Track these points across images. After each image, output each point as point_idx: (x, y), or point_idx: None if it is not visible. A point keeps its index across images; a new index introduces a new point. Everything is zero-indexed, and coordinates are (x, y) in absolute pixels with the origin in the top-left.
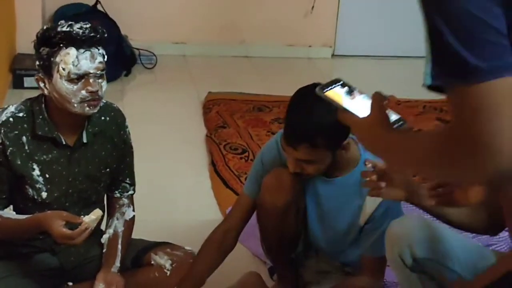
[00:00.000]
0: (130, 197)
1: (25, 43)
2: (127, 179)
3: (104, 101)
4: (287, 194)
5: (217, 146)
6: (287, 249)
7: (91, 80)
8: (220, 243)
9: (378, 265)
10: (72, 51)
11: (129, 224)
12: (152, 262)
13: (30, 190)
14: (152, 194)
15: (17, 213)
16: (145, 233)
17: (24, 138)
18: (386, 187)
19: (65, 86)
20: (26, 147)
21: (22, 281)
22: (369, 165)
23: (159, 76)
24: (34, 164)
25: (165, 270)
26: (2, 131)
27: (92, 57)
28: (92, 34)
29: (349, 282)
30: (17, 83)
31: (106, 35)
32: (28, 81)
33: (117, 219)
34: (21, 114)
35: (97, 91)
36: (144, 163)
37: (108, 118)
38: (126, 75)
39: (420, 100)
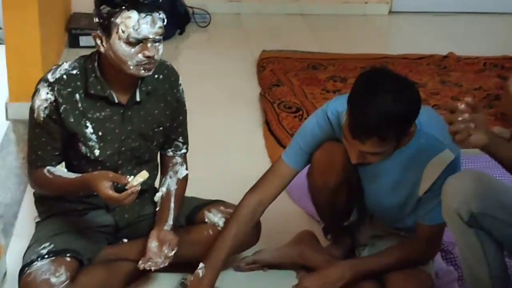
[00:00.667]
0: (183, 156)
1: (80, 2)
2: (180, 137)
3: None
4: (338, 173)
5: (271, 105)
6: (340, 219)
7: (149, 45)
8: (251, 216)
9: (435, 234)
10: (134, 14)
11: (182, 182)
12: (206, 220)
13: (83, 147)
14: (206, 152)
15: (70, 170)
16: (198, 191)
17: (77, 96)
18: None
19: (122, 48)
20: (80, 105)
21: (77, 237)
22: (462, 105)
23: (213, 35)
24: (87, 121)
25: (218, 228)
26: (56, 88)
27: (153, 22)
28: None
29: (399, 248)
30: (73, 42)
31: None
32: (84, 40)
33: (170, 177)
34: (74, 72)
35: (154, 55)
36: (198, 122)
37: (161, 76)
38: (180, 33)
39: (480, 57)
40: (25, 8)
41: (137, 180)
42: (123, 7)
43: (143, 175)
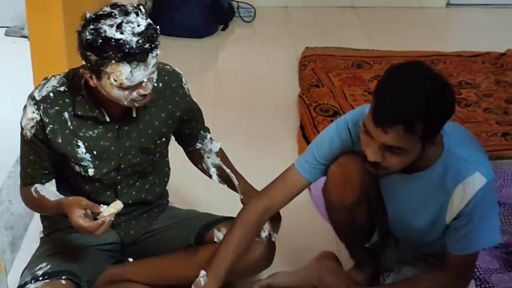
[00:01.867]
0: (210, 139)
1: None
2: (201, 130)
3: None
4: (355, 189)
5: (307, 108)
6: (360, 239)
7: (143, 84)
8: (257, 224)
9: (466, 264)
10: (125, 68)
11: (221, 153)
12: (215, 240)
13: (77, 167)
14: (235, 156)
15: (67, 187)
16: (224, 198)
17: (66, 114)
18: None
19: (115, 92)
20: (69, 123)
21: (77, 256)
22: None
23: (258, 30)
24: (79, 141)
25: None
26: (42, 107)
27: (146, 66)
28: (146, 46)
29: (427, 278)
30: None
31: (159, 31)
32: None
33: (208, 157)
34: (62, 88)
35: (149, 93)
36: (233, 121)
37: (161, 85)
38: (223, 29)
39: None
40: (48, 7)
41: (109, 210)
42: (111, 58)
43: (117, 205)
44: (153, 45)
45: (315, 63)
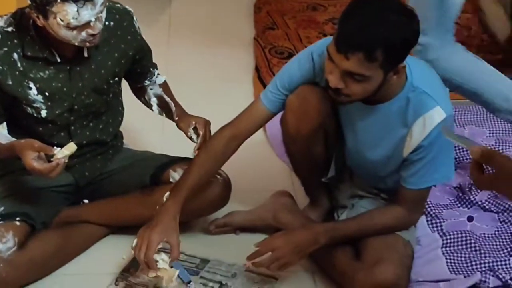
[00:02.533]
0: (157, 74)
1: None
2: (151, 68)
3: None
4: (312, 118)
5: (262, 50)
6: (316, 173)
7: (91, 24)
8: (222, 152)
9: (419, 199)
10: (71, 7)
11: (165, 84)
12: (171, 180)
13: (29, 108)
14: (191, 98)
15: (19, 129)
16: (181, 139)
17: (15, 55)
18: None
19: (63, 32)
20: (19, 65)
21: (31, 198)
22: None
23: None
24: (30, 82)
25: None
26: None
27: (93, 5)
28: None
29: (379, 213)
30: None
31: None
32: None
33: (151, 89)
34: (10, 29)
35: (98, 33)
36: (188, 64)
37: (112, 23)
38: None
39: None
40: None
41: (62, 152)
42: (58, 0)
43: (70, 147)
44: None
45: (270, 6)
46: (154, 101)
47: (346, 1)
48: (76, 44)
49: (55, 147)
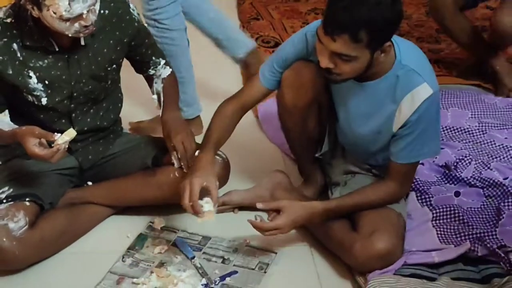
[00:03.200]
0: (164, 64)
1: None
2: (153, 56)
3: None
4: (307, 91)
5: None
6: (311, 148)
7: (84, 16)
8: (231, 119)
9: (407, 173)
10: (63, 1)
11: (167, 79)
12: (173, 161)
13: (29, 97)
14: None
15: (21, 117)
16: None
17: (15, 45)
18: None
19: (57, 23)
20: (19, 54)
21: (38, 180)
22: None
23: None
24: (30, 71)
25: (184, 170)
26: None
27: None
28: None
29: (372, 188)
30: None
31: None
32: None
33: (156, 83)
34: (9, 20)
35: (91, 24)
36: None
37: (107, 12)
38: None
39: None
40: None
41: (63, 138)
42: None
43: (70, 133)
44: None
45: None
46: (154, 98)
47: None
48: (70, 35)
49: (55, 133)
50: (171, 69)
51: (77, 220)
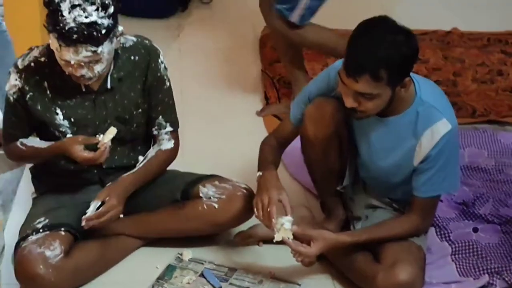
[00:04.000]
0: (170, 133)
1: None
2: (161, 116)
3: (135, 39)
4: (328, 123)
5: (271, 80)
6: (332, 180)
7: (75, 66)
8: (278, 148)
9: (429, 206)
10: (55, 41)
11: (162, 152)
12: (200, 195)
13: (56, 132)
14: (205, 129)
15: None
16: (197, 169)
17: (45, 83)
18: None
19: (59, 60)
20: (48, 92)
21: (72, 211)
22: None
23: (216, 11)
24: (57, 108)
25: (213, 203)
26: (24, 75)
27: (76, 51)
28: (74, 37)
29: (396, 221)
30: None
31: (102, 34)
32: None
33: (153, 149)
34: (43, 59)
35: (81, 76)
36: (199, 98)
37: (137, 57)
38: (183, 10)
39: (484, 33)
40: None
41: (107, 137)
42: (50, 28)
43: (112, 131)
44: (83, 40)
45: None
46: (139, 159)
47: (345, 36)
48: (73, 78)
49: (97, 135)
50: (173, 145)
51: (108, 250)
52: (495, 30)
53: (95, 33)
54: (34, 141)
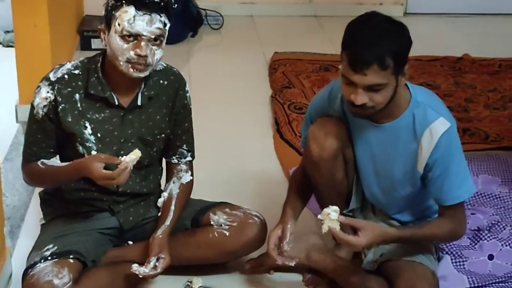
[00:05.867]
0: (189, 163)
1: (92, 5)
2: (185, 145)
3: (165, 65)
4: (332, 142)
5: (281, 106)
6: (340, 202)
7: (142, 43)
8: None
9: (457, 214)
10: (131, 9)
11: (185, 187)
12: (211, 222)
13: (81, 147)
14: (216, 154)
15: None
16: (208, 193)
17: (77, 96)
18: None
19: (116, 42)
20: (79, 105)
21: (81, 239)
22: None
23: (225, 37)
24: (86, 122)
25: (224, 231)
26: (56, 87)
27: (150, 21)
28: (157, 0)
29: (437, 224)
30: (85, 45)
31: (175, 5)
32: (96, 43)
33: (174, 183)
34: (76, 72)
35: (146, 56)
36: (209, 123)
37: (166, 82)
38: (193, 36)
39: (496, 59)
40: (35, 11)
41: (130, 157)
42: (124, 1)
43: (136, 153)
44: (163, 4)
45: (285, 67)
46: (164, 195)
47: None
48: (123, 66)
49: (120, 156)
50: (192, 177)
51: (118, 278)
52: (507, 56)
53: (163, 3)
54: (54, 162)
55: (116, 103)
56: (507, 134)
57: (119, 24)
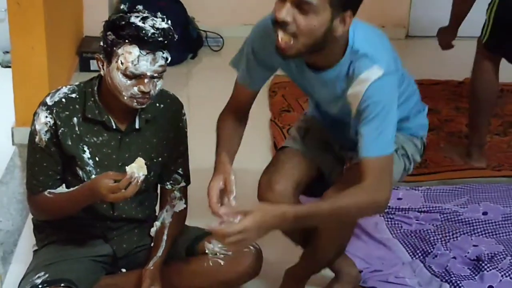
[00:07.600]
0: (182, 190)
1: (92, 26)
2: (179, 169)
3: (161, 88)
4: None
5: (280, 130)
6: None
7: (146, 80)
8: (238, 123)
9: (380, 169)
10: (135, 50)
11: (179, 215)
12: (206, 251)
13: (80, 172)
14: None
15: None
16: (206, 217)
17: (75, 119)
18: None
19: (119, 78)
20: (77, 128)
21: (74, 266)
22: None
23: (226, 59)
24: (84, 146)
25: (219, 260)
26: (54, 111)
27: (153, 60)
28: (160, 39)
29: (349, 192)
30: (84, 66)
31: (175, 39)
32: (95, 64)
33: (167, 211)
34: (73, 95)
35: (149, 91)
36: (207, 146)
37: (162, 106)
38: (192, 57)
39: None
40: (32, 32)
41: (133, 165)
42: (127, 40)
43: (139, 161)
44: (166, 42)
45: (284, 90)
46: (157, 224)
47: None
48: (126, 100)
49: (127, 167)
50: (185, 204)
51: None
52: (509, 81)
53: (170, 37)
54: (61, 190)
55: (114, 127)
56: (507, 161)
57: (122, 63)
